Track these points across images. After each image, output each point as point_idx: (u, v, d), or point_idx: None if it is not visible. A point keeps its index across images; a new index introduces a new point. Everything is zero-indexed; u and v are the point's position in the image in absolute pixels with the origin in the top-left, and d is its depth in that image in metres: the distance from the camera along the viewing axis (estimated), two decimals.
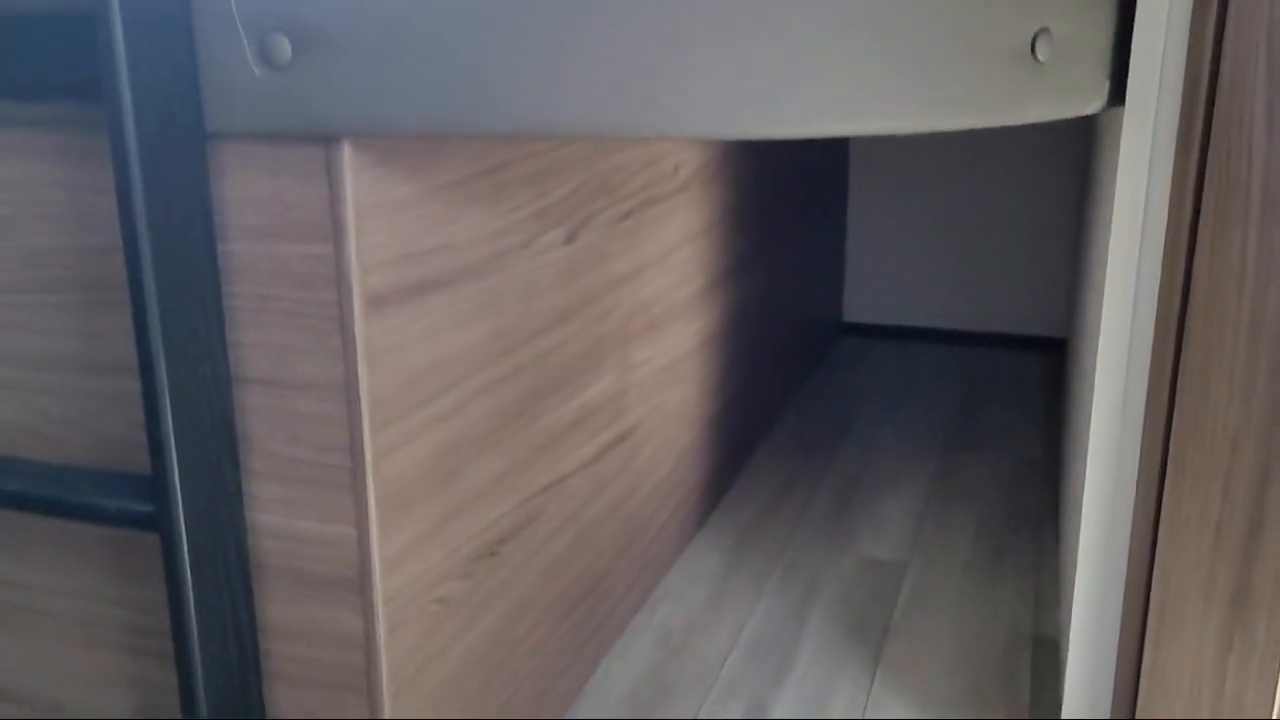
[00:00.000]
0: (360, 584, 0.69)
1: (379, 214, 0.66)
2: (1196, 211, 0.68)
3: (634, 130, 0.59)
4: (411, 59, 0.58)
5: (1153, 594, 0.70)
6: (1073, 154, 2.00)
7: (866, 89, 0.61)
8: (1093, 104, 0.73)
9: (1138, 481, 0.72)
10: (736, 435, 1.52)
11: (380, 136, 0.62)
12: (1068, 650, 0.81)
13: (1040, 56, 0.67)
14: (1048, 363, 2.04)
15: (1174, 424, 0.69)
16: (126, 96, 0.60)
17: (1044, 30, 0.67)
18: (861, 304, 2.21)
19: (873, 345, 2.16)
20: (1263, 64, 0.64)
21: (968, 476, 1.55)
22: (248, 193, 0.65)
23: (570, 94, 0.58)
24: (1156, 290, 0.70)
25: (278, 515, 0.70)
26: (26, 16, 0.64)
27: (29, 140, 0.68)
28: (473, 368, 0.78)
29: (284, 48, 0.59)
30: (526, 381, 0.87)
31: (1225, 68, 0.66)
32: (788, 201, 1.67)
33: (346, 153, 0.62)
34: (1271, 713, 0.73)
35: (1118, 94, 0.75)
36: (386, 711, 0.72)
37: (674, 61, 0.58)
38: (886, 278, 2.18)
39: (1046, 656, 1.10)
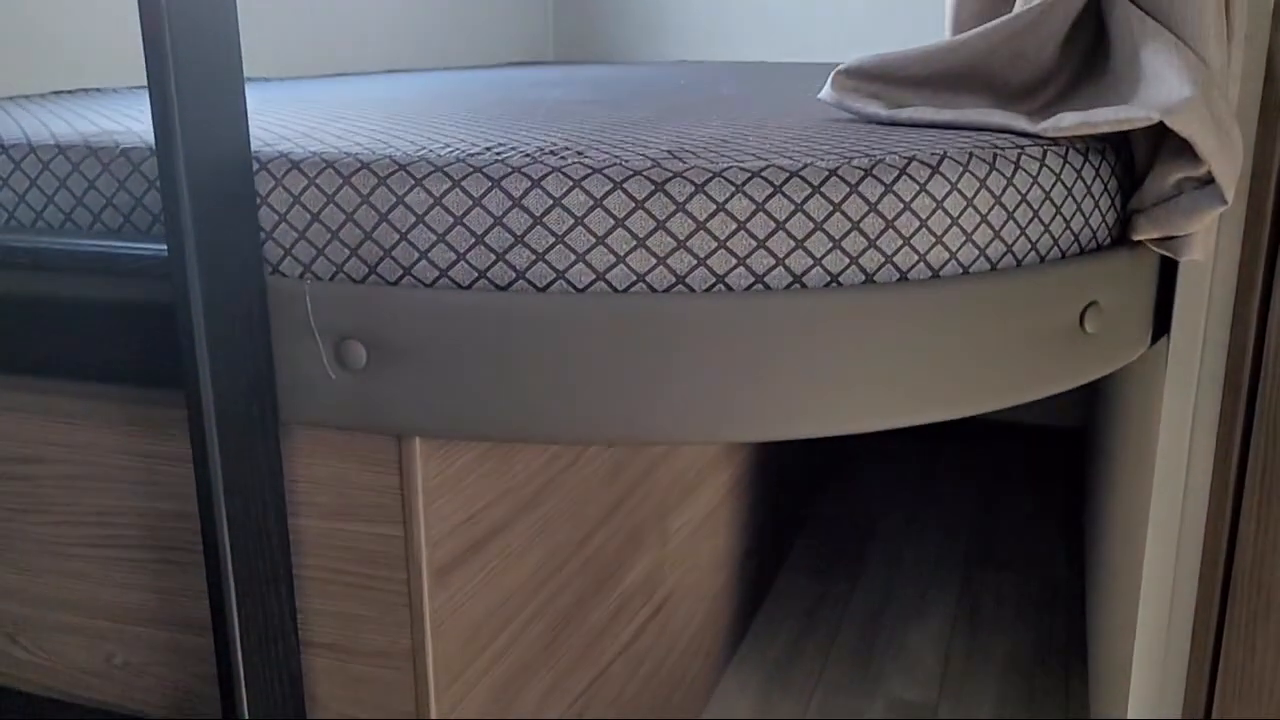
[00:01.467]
0: None
1: (444, 490, 0.67)
2: (1241, 480, 0.69)
3: (703, 438, 0.61)
4: (483, 373, 0.60)
5: None
6: None
7: (921, 388, 0.63)
8: (1136, 353, 0.74)
9: None
10: (763, 563, 1.53)
11: (450, 439, 0.64)
12: None
13: (1089, 329, 0.69)
14: (1064, 455, 2.05)
15: (1218, 685, 0.71)
16: (207, 389, 0.62)
17: (1092, 304, 0.68)
18: None
19: (887, 434, 2.17)
20: None
21: (992, 599, 1.56)
22: (319, 475, 0.66)
23: (633, 410, 0.60)
24: (1200, 551, 0.71)
25: None
26: (105, 304, 0.65)
27: (101, 409, 0.70)
28: (527, 596, 0.80)
29: (359, 354, 0.61)
30: (573, 590, 0.88)
31: (1269, 347, 0.68)
32: None
33: (417, 445, 0.64)
34: None
35: (1160, 327, 0.77)
36: None
37: (733, 375, 0.60)
38: None
39: None
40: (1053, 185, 0.66)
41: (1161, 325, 0.78)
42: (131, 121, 0.77)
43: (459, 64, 2.03)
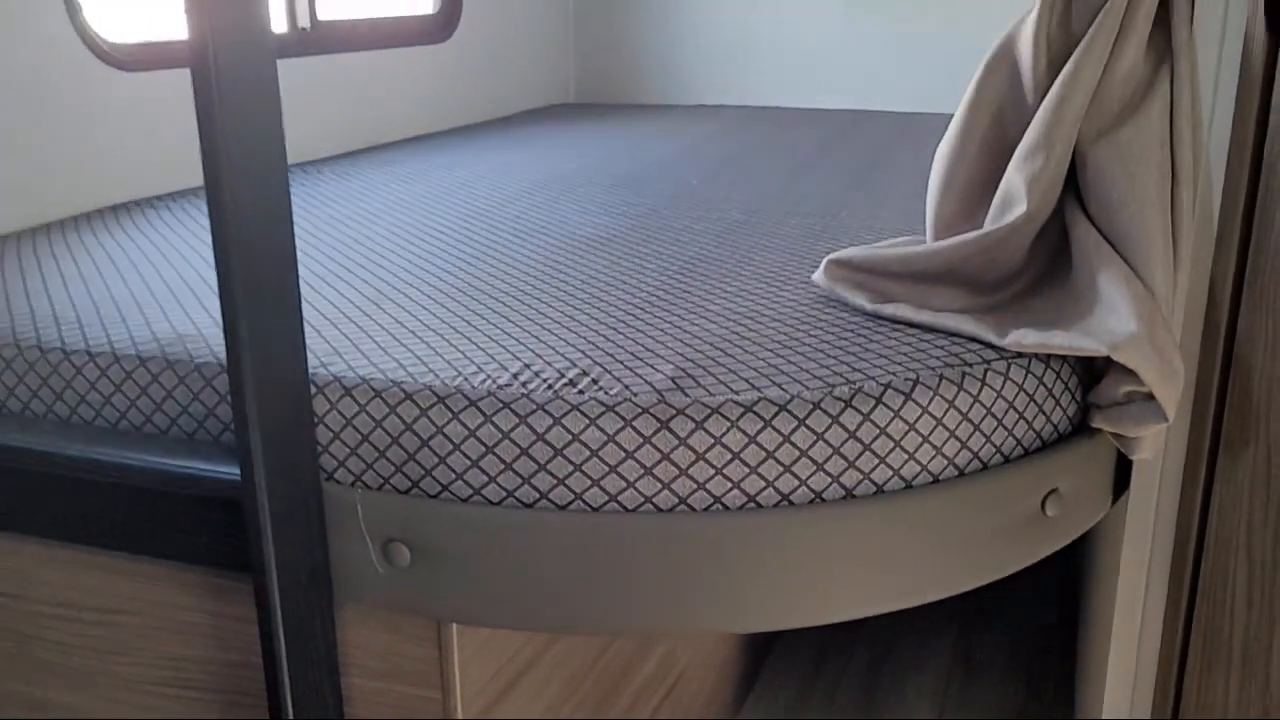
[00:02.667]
0: None
1: (477, 656, 0.77)
2: (1184, 653, 0.78)
3: (701, 631, 0.70)
4: (511, 576, 0.69)
5: None
6: None
7: (894, 582, 0.71)
8: (1096, 519, 0.83)
9: None
10: None
11: (486, 626, 0.73)
12: None
13: (1049, 513, 0.77)
14: None
15: None
16: (272, 579, 0.71)
17: (1053, 491, 0.77)
18: None
19: None
20: (1243, 555, 0.74)
21: (986, 649, 1.65)
22: (368, 642, 0.76)
23: (642, 607, 0.69)
24: (1149, 710, 0.80)
25: None
26: (180, 496, 0.75)
27: (175, 574, 0.80)
28: None
29: (404, 554, 0.70)
30: (590, 700, 0.98)
31: (1210, 534, 0.76)
32: None
33: (455, 626, 0.73)
34: None
35: (1121, 483, 0.85)
36: None
37: (729, 579, 0.69)
38: None
39: None
40: (1015, 395, 0.74)
41: (1122, 481, 0.86)
42: (202, 314, 0.86)
43: (484, 116, 2.11)
